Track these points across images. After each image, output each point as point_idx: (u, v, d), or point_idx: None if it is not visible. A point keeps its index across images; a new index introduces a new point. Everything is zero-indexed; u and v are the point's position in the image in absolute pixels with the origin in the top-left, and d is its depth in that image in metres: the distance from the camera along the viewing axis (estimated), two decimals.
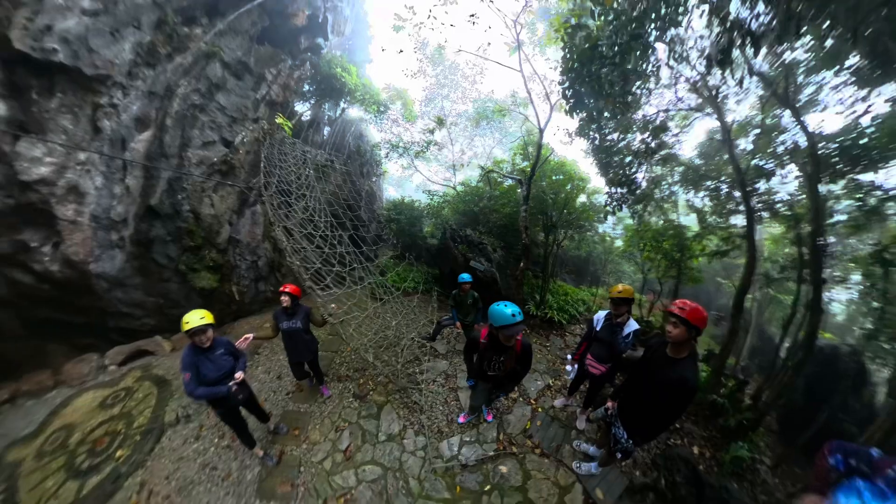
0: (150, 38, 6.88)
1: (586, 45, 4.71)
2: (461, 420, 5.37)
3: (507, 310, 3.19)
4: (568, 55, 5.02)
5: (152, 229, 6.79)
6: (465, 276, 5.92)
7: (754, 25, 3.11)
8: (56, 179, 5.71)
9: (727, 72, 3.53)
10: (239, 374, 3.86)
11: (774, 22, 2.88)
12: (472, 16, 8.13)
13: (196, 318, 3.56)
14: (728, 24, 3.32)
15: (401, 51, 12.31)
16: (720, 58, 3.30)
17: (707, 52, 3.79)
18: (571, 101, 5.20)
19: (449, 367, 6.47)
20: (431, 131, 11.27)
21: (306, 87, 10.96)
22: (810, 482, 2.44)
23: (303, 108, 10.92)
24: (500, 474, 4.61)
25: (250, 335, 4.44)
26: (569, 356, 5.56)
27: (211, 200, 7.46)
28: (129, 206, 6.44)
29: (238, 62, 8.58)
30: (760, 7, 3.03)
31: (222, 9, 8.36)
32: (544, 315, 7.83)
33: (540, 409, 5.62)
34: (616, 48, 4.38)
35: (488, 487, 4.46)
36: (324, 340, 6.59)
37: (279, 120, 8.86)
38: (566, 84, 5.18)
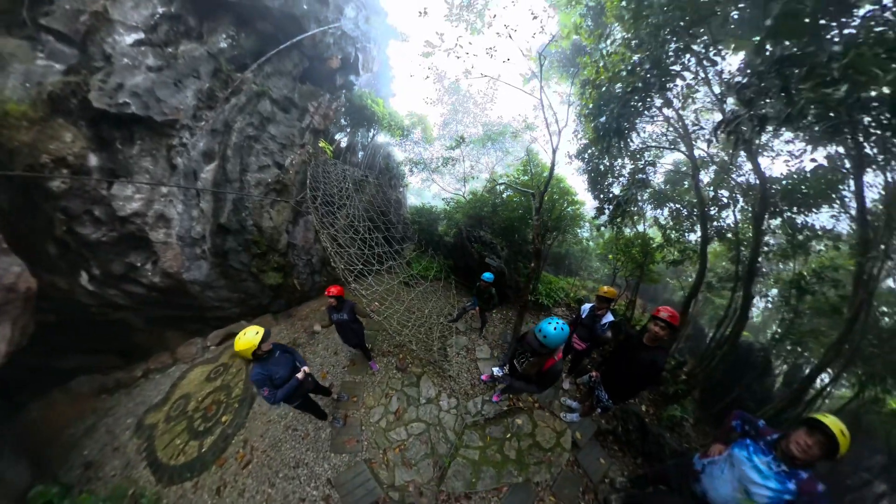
0: (209, 84, 6.27)
1: (639, 85, 4.21)
2: (483, 378, 5.17)
3: (546, 326, 2.61)
4: (602, 94, 4.56)
5: (226, 242, 6.43)
6: (488, 276, 5.46)
7: (764, 110, 2.78)
8: (146, 211, 5.35)
9: (730, 137, 3.09)
10: (305, 368, 3.52)
11: (784, 112, 2.61)
12: (492, 48, 7.12)
13: (251, 338, 2.98)
14: (746, 105, 2.96)
15: (427, 76, 11.19)
16: (731, 126, 2.97)
17: (723, 124, 3.23)
18: (601, 132, 4.74)
19: (468, 342, 6.14)
20: (453, 147, 10.38)
21: (343, 121, 10.23)
22: (717, 435, 2.71)
23: (340, 136, 10.25)
24: (517, 425, 4.60)
25: (306, 368, 3.64)
26: None
27: (269, 215, 7.01)
28: (205, 225, 6.06)
29: (284, 98, 7.88)
30: (774, 100, 2.74)
31: (267, 52, 7.58)
32: (536, 299, 7.51)
33: None
34: (646, 92, 4.11)
35: (509, 435, 4.49)
36: (368, 321, 6.23)
37: (322, 144, 8.24)
38: (603, 117, 4.69)
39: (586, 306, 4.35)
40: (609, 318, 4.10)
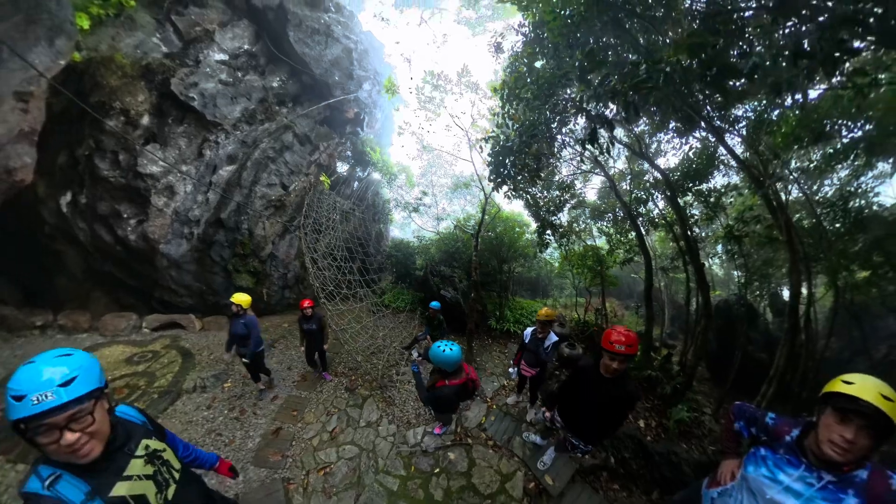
0: (254, 107, 7.29)
1: (498, 147, 5.19)
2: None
3: (434, 344, 2.75)
4: (490, 152, 5.42)
5: (216, 234, 6.60)
6: (435, 304, 5.61)
7: (609, 116, 3.59)
8: (161, 177, 5.70)
9: (596, 146, 3.78)
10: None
11: (622, 113, 3.29)
12: (448, 126, 9.76)
13: (238, 298, 4.37)
14: (591, 117, 3.78)
15: (402, 146, 13.93)
16: (589, 138, 3.67)
17: (579, 136, 4.43)
18: (497, 180, 5.43)
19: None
20: (420, 198, 12.62)
21: (349, 154, 12.08)
22: (724, 444, 1.96)
23: (342, 168, 11.80)
24: (449, 460, 4.14)
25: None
26: (511, 361, 5.35)
27: (263, 225, 7.41)
28: (204, 212, 6.31)
29: (304, 135, 9.04)
30: (611, 106, 3.59)
31: (303, 101, 9.01)
32: (503, 328, 7.53)
33: (494, 407, 5.12)
34: (521, 144, 4.86)
35: (438, 470, 4.03)
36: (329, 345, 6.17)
37: (322, 178, 9.21)
38: (490, 170, 5.44)
39: (528, 330, 4.15)
40: (552, 339, 3.87)
